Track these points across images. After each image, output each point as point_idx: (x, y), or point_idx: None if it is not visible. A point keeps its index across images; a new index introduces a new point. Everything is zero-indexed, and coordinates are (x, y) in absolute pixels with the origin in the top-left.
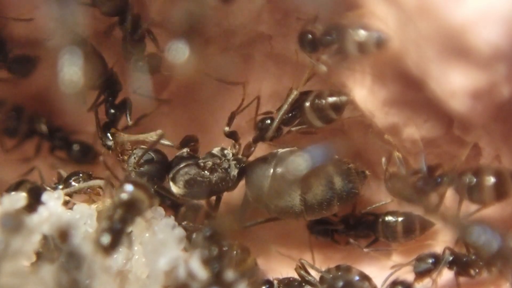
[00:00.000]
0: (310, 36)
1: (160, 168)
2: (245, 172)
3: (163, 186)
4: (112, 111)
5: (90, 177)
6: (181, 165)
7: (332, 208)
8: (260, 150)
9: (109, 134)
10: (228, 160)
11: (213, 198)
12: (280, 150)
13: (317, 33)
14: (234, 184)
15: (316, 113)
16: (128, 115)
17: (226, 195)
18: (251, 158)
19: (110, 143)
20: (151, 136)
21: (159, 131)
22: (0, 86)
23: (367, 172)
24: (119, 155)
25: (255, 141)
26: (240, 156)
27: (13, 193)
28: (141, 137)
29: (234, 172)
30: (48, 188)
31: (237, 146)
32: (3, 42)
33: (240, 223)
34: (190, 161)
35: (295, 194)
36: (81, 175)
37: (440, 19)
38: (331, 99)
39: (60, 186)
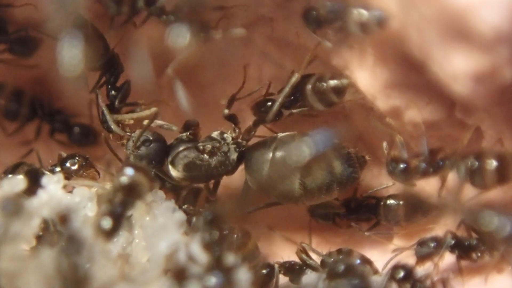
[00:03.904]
0: (314, 13)
1: (159, 151)
2: (244, 156)
3: (162, 169)
4: (113, 93)
5: (86, 160)
6: (180, 149)
7: (332, 192)
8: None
9: (109, 117)
10: (228, 143)
11: (212, 182)
12: (280, 134)
13: (322, 10)
14: (234, 168)
15: (318, 96)
16: (119, 97)
17: (227, 180)
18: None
19: (111, 126)
20: (145, 114)
21: (153, 109)
22: (1, 68)
23: (367, 157)
24: (119, 138)
25: (256, 124)
26: (239, 140)
27: (10, 176)
28: (134, 115)
29: (234, 156)
30: (45, 171)
31: (236, 130)
32: (4, 23)
33: (241, 208)
34: (189, 144)
35: (294, 178)
36: (77, 158)
37: (442, 2)
38: (333, 82)
39: (57, 169)
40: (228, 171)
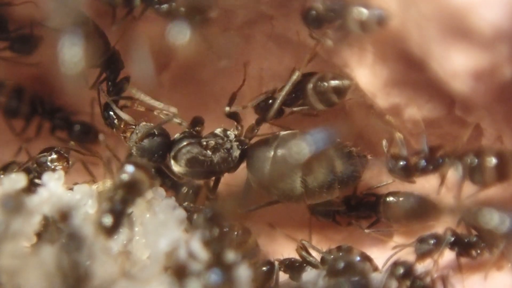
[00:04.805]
0: (314, 12)
1: (162, 145)
2: (246, 154)
3: (164, 164)
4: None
5: (57, 153)
6: (184, 144)
7: (333, 191)
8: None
9: (111, 113)
10: (231, 141)
11: (212, 180)
12: (282, 133)
13: (321, 9)
14: (236, 165)
15: (318, 96)
16: (114, 90)
17: (229, 177)
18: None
19: (113, 121)
20: (165, 108)
21: (173, 108)
22: (1, 66)
23: (368, 156)
24: (123, 131)
25: (258, 123)
26: (242, 138)
27: (2, 176)
28: (155, 103)
29: (236, 153)
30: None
31: (239, 128)
32: (5, 21)
33: (242, 206)
34: (192, 140)
35: (295, 176)
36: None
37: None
38: (334, 83)
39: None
40: (230, 168)
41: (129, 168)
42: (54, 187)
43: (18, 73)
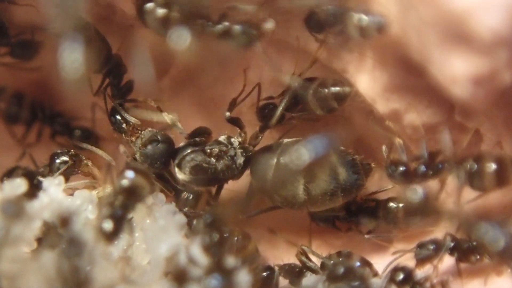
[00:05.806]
0: (315, 17)
1: (166, 152)
2: (250, 161)
3: (167, 171)
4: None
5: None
6: (188, 151)
7: (336, 199)
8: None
9: (118, 116)
10: (235, 148)
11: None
12: (286, 140)
13: (322, 14)
14: (240, 172)
15: (318, 102)
16: (120, 93)
17: (230, 182)
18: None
19: (121, 125)
20: (163, 117)
21: (174, 117)
22: (2, 71)
23: (372, 164)
24: (130, 135)
25: (262, 130)
26: (246, 145)
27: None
28: (154, 116)
29: (240, 160)
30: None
31: (242, 135)
32: (5, 27)
33: (245, 212)
34: (196, 147)
35: (298, 184)
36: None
37: (441, 5)
38: (334, 89)
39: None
40: (234, 175)
41: (129, 174)
42: (55, 193)
43: (19, 78)
